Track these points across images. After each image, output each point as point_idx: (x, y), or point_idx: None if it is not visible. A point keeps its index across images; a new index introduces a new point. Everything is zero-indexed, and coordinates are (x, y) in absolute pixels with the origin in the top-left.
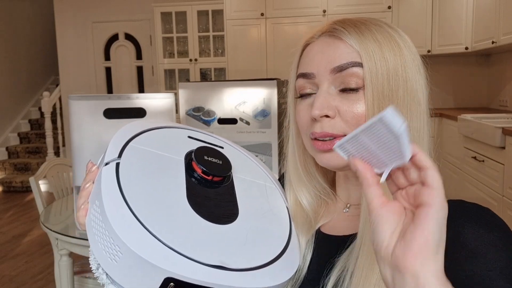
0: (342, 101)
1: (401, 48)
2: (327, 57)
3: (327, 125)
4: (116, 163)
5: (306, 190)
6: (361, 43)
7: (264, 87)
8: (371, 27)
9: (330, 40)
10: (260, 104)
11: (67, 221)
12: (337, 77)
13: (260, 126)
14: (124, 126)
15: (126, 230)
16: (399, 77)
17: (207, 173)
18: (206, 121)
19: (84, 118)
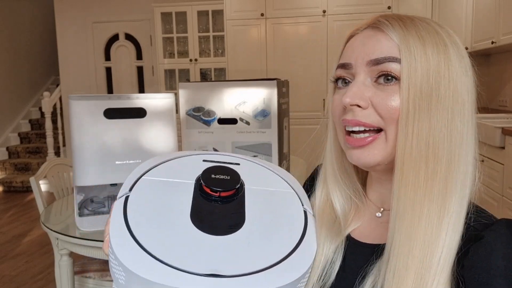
0: (377, 93)
1: (447, 47)
2: (366, 49)
3: (359, 114)
4: (125, 197)
5: (338, 190)
6: (403, 37)
7: (264, 87)
8: (417, 22)
9: (372, 33)
10: (260, 104)
11: (68, 221)
12: (373, 70)
13: (260, 126)
14: (141, 163)
15: (125, 253)
16: (441, 76)
17: (213, 190)
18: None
19: (84, 118)
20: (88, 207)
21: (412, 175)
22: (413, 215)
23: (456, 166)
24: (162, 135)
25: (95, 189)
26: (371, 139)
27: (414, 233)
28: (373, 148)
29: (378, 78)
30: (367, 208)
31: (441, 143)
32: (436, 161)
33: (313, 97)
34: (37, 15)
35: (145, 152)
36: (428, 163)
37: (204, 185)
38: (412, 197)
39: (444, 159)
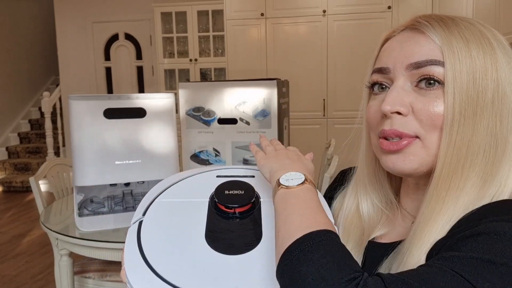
0: (418, 98)
1: (493, 48)
2: (405, 52)
3: (398, 122)
4: (139, 222)
5: (369, 198)
6: (445, 38)
7: (264, 87)
8: (459, 23)
9: (411, 34)
10: (260, 104)
11: (67, 221)
12: (414, 74)
13: (260, 126)
14: (155, 186)
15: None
16: (488, 78)
17: (228, 206)
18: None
19: (84, 118)
20: (88, 207)
21: (447, 183)
22: (435, 221)
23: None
24: (162, 135)
25: (95, 189)
26: (406, 143)
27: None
28: (409, 153)
29: (419, 83)
30: (400, 218)
31: (482, 150)
32: (472, 167)
33: (313, 97)
34: (37, 15)
35: (145, 152)
36: (464, 169)
37: (218, 202)
38: (439, 205)
39: (484, 167)
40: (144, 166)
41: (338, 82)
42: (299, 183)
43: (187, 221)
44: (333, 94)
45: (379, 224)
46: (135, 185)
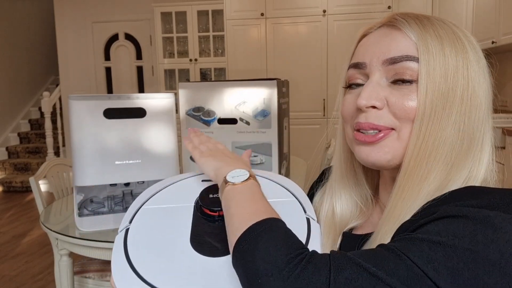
0: (393, 92)
1: (465, 47)
2: (381, 47)
3: (373, 116)
4: (126, 229)
5: (345, 194)
6: (421, 35)
7: (264, 87)
8: (434, 22)
9: (388, 31)
10: (260, 104)
11: (67, 221)
12: (390, 69)
13: (260, 126)
14: (141, 193)
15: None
16: (459, 77)
17: (212, 210)
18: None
19: (84, 118)
20: (88, 207)
21: (413, 173)
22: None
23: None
24: (162, 135)
25: (95, 189)
26: (382, 136)
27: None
28: (384, 145)
29: (394, 81)
30: (375, 213)
31: (448, 144)
32: (436, 160)
33: (313, 97)
34: (36, 15)
35: (145, 152)
36: (428, 162)
37: (202, 206)
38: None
39: (449, 161)
40: (144, 166)
41: (338, 82)
42: (244, 180)
43: (173, 226)
44: (333, 94)
45: (354, 217)
46: (135, 185)
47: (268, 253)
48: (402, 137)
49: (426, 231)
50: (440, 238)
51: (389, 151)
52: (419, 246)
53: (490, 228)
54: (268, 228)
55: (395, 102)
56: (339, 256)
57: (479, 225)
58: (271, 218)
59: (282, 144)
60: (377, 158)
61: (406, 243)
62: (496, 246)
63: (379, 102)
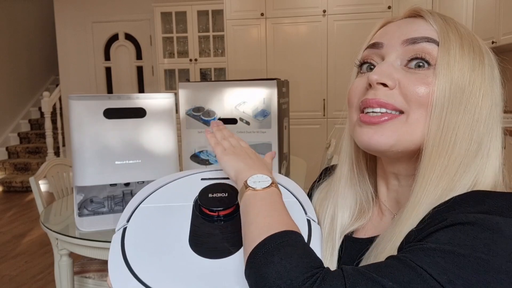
0: (406, 75)
1: (482, 51)
2: (402, 30)
3: (383, 93)
4: (123, 228)
5: (347, 193)
6: (443, 27)
7: (264, 87)
8: (456, 22)
9: (410, 19)
10: (260, 104)
11: (67, 221)
12: (408, 50)
13: (260, 126)
14: (139, 191)
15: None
16: (476, 76)
17: (212, 210)
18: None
19: (84, 118)
20: (88, 207)
21: (435, 165)
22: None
23: (467, 167)
24: (162, 135)
25: (95, 189)
26: (387, 118)
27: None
28: (389, 127)
29: (410, 62)
30: (376, 213)
31: (462, 141)
32: (452, 155)
33: (313, 97)
34: (36, 15)
35: (145, 152)
36: (446, 156)
37: (202, 206)
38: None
39: (458, 157)
40: (144, 166)
41: (338, 82)
42: (266, 186)
43: (171, 226)
44: (333, 94)
45: (354, 218)
46: (135, 185)
47: (283, 270)
48: (411, 122)
49: (436, 240)
50: (451, 247)
51: (393, 135)
52: (432, 256)
53: (500, 235)
54: (286, 242)
55: (407, 84)
56: (353, 272)
57: (488, 232)
58: (290, 231)
59: (282, 144)
60: (379, 141)
61: (418, 253)
62: (506, 254)
63: (391, 81)
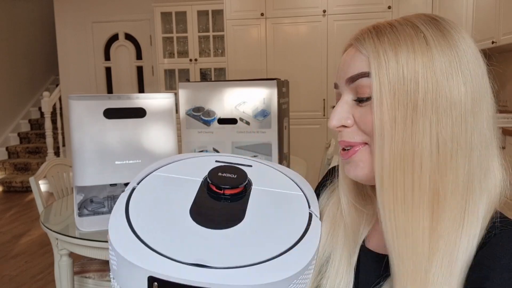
0: (358, 109)
1: (429, 48)
2: (344, 68)
3: (345, 134)
4: (132, 189)
5: (351, 197)
6: (373, 49)
7: (264, 87)
8: (396, 26)
9: (350, 50)
10: (260, 104)
11: (67, 221)
12: (351, 88)
13: (260, 126)
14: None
15: (118, 237)
16: (418, 83)
17: (218, 187)
18: (206, 121)
19: (84, 118)
20: (88, 207)
21: (392, 188)
22: (401, 226)
23: (449, 173)
24: (162, 135)
25: (95, 189)
26: (354, 151)
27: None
28: (358, 160)
29: (356, 98)
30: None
31: (423, 152)
32: (415, 171)
33: (313, 97)
34: (36, 15)
35: (145, 152)
36: (406, 174)
37: (210, 183)
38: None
39: (428, 169)
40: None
41: None
42: None
43: (177, 195)
44: (333, 94)
45: (361, 224)
46: None
47: None
48: (374, 150)
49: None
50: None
51: (364, 165)
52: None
53: None
54: None
55: (359, 119)
56: None
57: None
58: None
59: (282, 144)
60: (355, 174)
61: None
62: None
63: (349, 120)
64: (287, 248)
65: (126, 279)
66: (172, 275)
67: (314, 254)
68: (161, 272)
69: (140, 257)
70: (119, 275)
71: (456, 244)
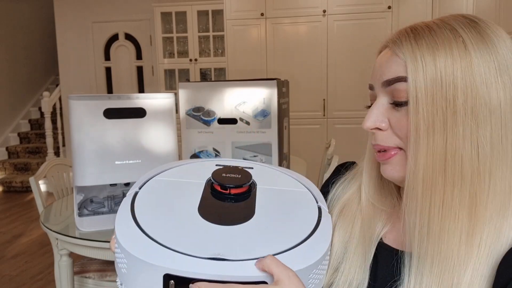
0: (394, 114)
1: (467, 52)
2: (380, 70)
3: (379, 138)
4: (134, 192)
5: (371, 194)
6: (411, 52)
7: (264, 87)
8: (434, 28)
9: (386, 52)
10: (260, 104)
11: (67, 221)
12: (387, 91)
13: (260, 126)
14: (154, 168)
15: (127, 238)
16: (457, 87)
17: (224, 187)
18: (206, 121)
19: (84, 118)
20: (88, 207)
21: (429, 193)
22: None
23: (487, 179)
24: (162, 135)
25: (95, 189)
26: (390, 155)
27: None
28: (395, 163)
29: (392, 101)
30: (399, 217)
31: (464, 158)
32: (455, 176)
33: (313, 97)
34: (36, 15)
35: (145, 152)
36: (446, 179)
37: (214, 183)
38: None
39: (469, 175)
40: (144, 166)
41: (338, 82)
42: None
43: (182, 196)
44: (333, 94)
45: (380, 221)
46: None
47: None
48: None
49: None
50: None
51: (400, 168)
52: None
53: None
54: None
55: (395, 124)
56: None
57: None
58: None
59: (282, 144)
60: (391, 175)
61: None
62: None
63: (383, 123)
64: (302, 240)
65: (138, 282)
66: (191, 270)
67: (329, 245)
68: (179, 268)
69: (155, 255)
70: (130, 279)
71: (493, 249)
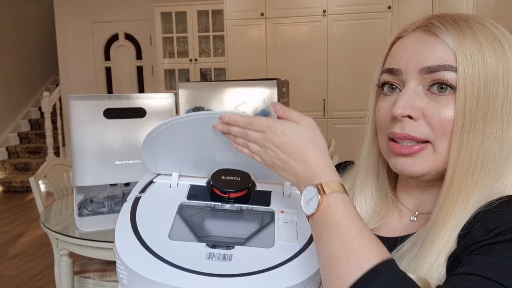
0: (429, 103)
1: (505, 52)
2: (418, 54)
3: (409, 126)
4: (135, 198)
5: (366, 193)
6: (459, 42)
7: (264, 87)
8: (473, 25)
9: (424, 36)
10: (260, 104)
11: (67, 221)
12: (426, 78)
13: None
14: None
15: (128, 252)
16: (499, 84)
17: (223, 191)
18: None
19: (84, 118)
20: (88, 207)
21: (458, 188)
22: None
23: (499, 175)
24: None
25: (95, 189)
26: (418, 148)
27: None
28: (420, 158)
29: (431, 87)
30: (396, 213)
31: (492, 154)
32: (482, 171)
33: (313, 97)
34: (37, 15)
35: None
36: (474, 174)
37: (213, 186)
38: (451, 209)
39: (492, 170)
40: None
41: (338, 82)
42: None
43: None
44: (333, 94)
45: (372, 218)
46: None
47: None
48: (439, 150)
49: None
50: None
51: (425, 164)
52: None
53: None
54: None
55: (432, 114)
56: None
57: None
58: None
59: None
60: (412, 170)
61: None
62: None
63: (415, 112)
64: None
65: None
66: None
67: None
68: (181, 285)
69: (157, 272)
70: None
71: None
